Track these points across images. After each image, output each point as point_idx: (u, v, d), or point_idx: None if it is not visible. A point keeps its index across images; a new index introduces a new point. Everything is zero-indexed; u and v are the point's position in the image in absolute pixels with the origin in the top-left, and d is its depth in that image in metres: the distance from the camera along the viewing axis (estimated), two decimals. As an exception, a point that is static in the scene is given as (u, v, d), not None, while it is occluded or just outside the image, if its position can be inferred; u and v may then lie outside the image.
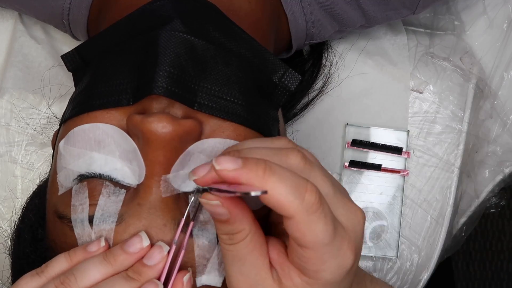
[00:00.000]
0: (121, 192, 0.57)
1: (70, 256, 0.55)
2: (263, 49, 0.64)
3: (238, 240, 0.52)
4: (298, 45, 0.80)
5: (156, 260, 0.54)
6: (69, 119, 0.60)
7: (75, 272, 0.54)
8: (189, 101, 0.57)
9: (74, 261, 0.55)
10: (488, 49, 0.88)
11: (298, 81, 0.64)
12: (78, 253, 0.55)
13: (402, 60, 0.88)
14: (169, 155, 0.56)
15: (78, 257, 0.55)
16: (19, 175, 0.84)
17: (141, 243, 0.54)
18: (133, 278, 0.54)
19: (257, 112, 0.60)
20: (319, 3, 0.76)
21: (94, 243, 0.55)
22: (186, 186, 0.57)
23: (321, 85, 0.86)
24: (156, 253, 0.54)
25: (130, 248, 0.54)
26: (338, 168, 0.85)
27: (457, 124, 0.86)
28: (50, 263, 0.56)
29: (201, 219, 0.56)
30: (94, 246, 0.55)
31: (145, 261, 0.54)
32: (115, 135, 0.57)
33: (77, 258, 0.55)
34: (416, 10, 0.79)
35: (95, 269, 0.54)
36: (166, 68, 0.56)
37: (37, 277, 0.55)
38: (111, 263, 0.54)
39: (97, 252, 0.55)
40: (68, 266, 0.55)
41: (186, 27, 0.59)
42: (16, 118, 0.85)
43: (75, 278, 0.53)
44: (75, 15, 0.76)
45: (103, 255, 0.54)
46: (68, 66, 0.65)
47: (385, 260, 0.85)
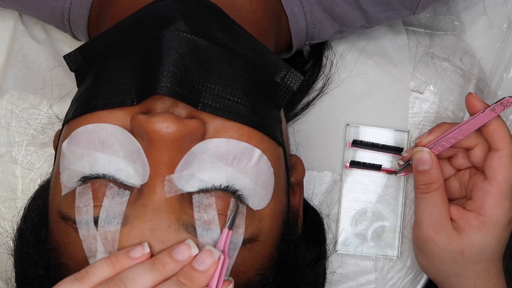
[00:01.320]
0: (125, 194, 0.57)
1: (113, 262, 0.54)
2: (265, 49, 0.64)
3: (433, 189, 0.71)
4: (298, 45, 0.81)
5: (207, 265, 0.54)
6: (72, 119, 0.60)
7: (124, 279, 0.52)
8: (193, 101, 0.57)
9: (117, 268, 0.54)
10: (488, 49, 0.89)
11: (300, 81, 0.64)
12: (121, 259, 0.54)
13: (402, 60, 0.88)
14: (173, 155, 0.56)
15: (121, 263, 0.54)
16: (20, 175, 0.84)
17: (189, 251, 0.54)
18: (185, 284, 0.53)
19: (260, 112, 0.60)
20: (319, 4, 0.76)
21: (137, 249, 0.54)
22: (190, 186, 0.57)
23: (322, 85, 0.86)
24: (207, 258, 0.54)
25: (179, 256, 0.54)
26: (338, 168, 0.85)
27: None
28: (91, 268, 0.54)
29: (205, 219, 0.56)
30: (137, 252, 0.54)
31: (195, 266, 0.53)
32: (119, 135, 0.57)
33: (121, 264, 0.54)
34: (416, 10, 0.79)
35: (145, 276, 0.52)
36: (170, 68, 0.56)
37: (78, 284, 0.53)
38: (160, 271, 0.53)
39: (141, 258, 0.54)
40: (111, 272, 0.53)
41: (189, 27, 0.59)
42: (16, 118, 0.84)
43: (125, 285, 0.52)
44: (76, 15, 0.76)
45: (151, 262, 0.53)
46: (70, 66, 0.65)
47: (386, 259, 0.85)
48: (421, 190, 0.72)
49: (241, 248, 0.58)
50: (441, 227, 0.71)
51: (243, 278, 0.59)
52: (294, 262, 0.66)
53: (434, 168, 0.71)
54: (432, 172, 0.71)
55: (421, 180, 0.72)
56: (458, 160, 0.75)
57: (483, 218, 0.70)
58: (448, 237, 0.71)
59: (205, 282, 0.54)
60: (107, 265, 0.54)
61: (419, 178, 0.72)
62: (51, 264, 0.60)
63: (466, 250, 0.71)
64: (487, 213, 0.70)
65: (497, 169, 0.69)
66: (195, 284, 0.53)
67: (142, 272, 0.53)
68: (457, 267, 0.73)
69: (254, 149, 0.58)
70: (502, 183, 0.70)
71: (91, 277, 0.53)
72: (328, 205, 0.85)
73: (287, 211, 0.65)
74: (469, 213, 0.71)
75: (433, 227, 0.72)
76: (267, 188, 0.60)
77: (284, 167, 0.64)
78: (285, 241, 0.64)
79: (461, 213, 0.71)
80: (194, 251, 0.54)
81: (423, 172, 0.71)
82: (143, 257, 0.54)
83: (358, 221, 0.85)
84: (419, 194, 0.72)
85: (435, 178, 0.71)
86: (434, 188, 0.71)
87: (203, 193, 0.57)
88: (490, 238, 0.71)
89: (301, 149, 0.83)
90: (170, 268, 0.53)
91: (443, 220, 0.71)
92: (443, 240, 0.72)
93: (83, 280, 0.53)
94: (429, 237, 0.72)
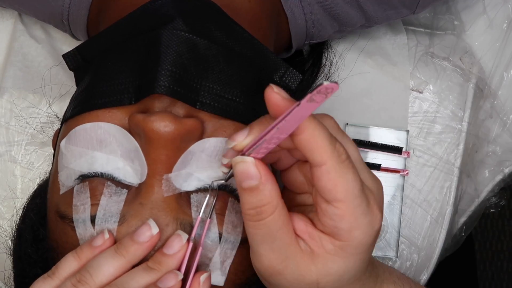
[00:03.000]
0: (122, 192, 0.57)
1: (78, 255, 0.55)
2: (264, 48, 0.64)
3: (267, 214, 0.51)
4: (298, 45, 0.80)
5: (175, 249, 0.54)
6: (70, 118, 0.60)
7: (89, 268, 0.54)
8: (191, 100, 0.57)
9: (83, 259, 0.55)
10: (488, 49, 0.88)
11: (299, 80, 0.64)
12: (85, 250, 0.55)
13: (402, 60, 0.88)
14: (171, 154, 0.56)
15: (86, 254, 0.55)
16: (19, 174, 0.84)
17: (150, 231, 0.54)
18: (153, 269, 0.53)
19: (259, 111, 0.60)
20: (319, 3, 0.76)
21: (98, 237, 0.55)
22: (188, 185, 0.57)
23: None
24: (176, 242, 0.54)
25: (140, 238, 0.54)
26: (338, 167, 0.85)
27: (457, 124, 0.86)
28: (60, 264, 0.55)
29: (203, 219, 0.56)
30: (99, 240, 0.55)
31: (164, 250, 0.54)
32: (117, 134, 0.57)
33: (85, 255, 0.55)
34: (416, 9, 0.79)
35: (108, 263, 0.54)
36: (168, 67, 0.56)
37: (49, 280, 0.55)
38: (124, 255, 0.54)
39: (103, 245, 0.55)
40: (78, 264, 0.55)
41: (187, 26, 0.59)
42: (16, 118, 0.84)
43: (90, 274, 0.53)
44: (75, 15, 0.76)
45: (114, 248, 0.54)
46: (69, 65, 0.65)
47: (385, 259, 0.85)
48: (251, 217, 0.52)
49: (239, 248, 0.58)
50: (287, 258, 0.53)
51: (242, 277, 0.59)
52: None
53: (264, 183, 0.51)
54: (261, 190, 0.51)
55: (248, 203, 0.51)
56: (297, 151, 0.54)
57: (341, 244, 0.53)
58: (298, 268, 0.54)
59: (173, 265, 0.54)
60: (73, 258, 0.55)
61: (246, 200, 0.51)
62: (49, 264, 0.60)
63: (323, 281, 0.54)
64: (344, 238, 0.52)
65: (332, 188, 0.50)
66: (163, 268, 0.53)
67: (105, 259, 0.54)
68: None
69: (253, 148, 0.58)
70: (346, 200, 0.51)
71: (60, 272, 0.55)
72: (327, 205, 0.85)
73: (285, 210, 0.64)
74: (323, 236, 0.53)
75: (277, 261, 0.53)
76: (265, 188, 0.59)
77: (283, 166, 0.63)
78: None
79: (312, 233, 0.54)
80: (154, 230, 0.54)
81: (249, 190, 0.51)
82: (105, 244, 0.55)
83: (358, 220, 0.84)
84: (249, 222, 0.52)
85: (267, 198, 0.51)
86: (269, 212, 0.51)
87: (201, 192, 0.57)
88: (351, 263, 0.54)
89: (300, 149, 0.83)
90: (133, 251, 0.54)
91: (288, 250, 0.53)
92: (293, 273, 0.54)
93: (54, 276, 0.55)
94: (274, 271, 0.54)
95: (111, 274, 0.54)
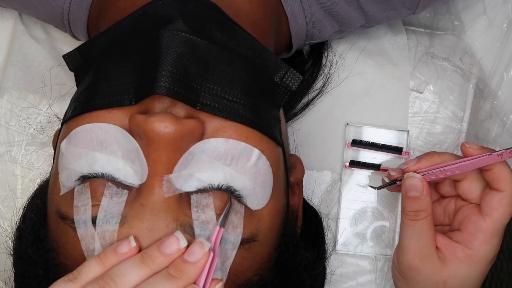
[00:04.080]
0: (123, 193, 0.57)
1: (102, 260, 0.54)
2: (264, 49, 0.64)
3: (422, 217, 0.68)
4: (298, 45, 0.80)
5: (197, 257, 0.53)
6: (71, 118, 0.60)
7: (113, 276, 0.52)
8: (191, 101, 0.57)
9: (107, 265, 0.54)
10: (488, 49, 0.88)
11: (299, 81, 0.64)
12: (110, 256, 0.54)
13: (402, 60, 0.88)
14: (171, 155, 0.56)
15: (110, 260, 0.54)
16: (19, 174, 0.84)
17: (178, 244, 0.53)
18: (174, 276, 0.53)
19: (259, 112, 0.60)
20: (319, 3, 0.76)
21: (124, 244, 0.54)
22: (189, 186, 0.57)
23: (321, 84, 0.86)
24: (198, 249, 0.53)
25: (167, 249, 0.53)
26: (338, 168, 0.85)
27: (457, 124, 0.86)
28: (82, 268, 0.54)
29: (203, 219, 0.56)
30: (124, 247, 0.54)
31: (186, 257, 0.53)
32: (118, 135, 0.57)
33: (110, 261, 0.54)
34: (416, 10, 0.79)
35: (133, 272, 0.52)
36: (168, 68, 0.56)
37: (71, 284, 0.53)
38: (149, 266, 0.53)
39: (129, 253, 0.54)
40: (101, 270, 0.54)
41: (188, 27, 0.59)
42: (16, 118, 0.84)
43: (114, 282, 0.52)
44: (75, 15, 0.76)
45: (140, 257, 0.53)
46: (69, 65, 0.65)
47: (386, 259, 0.85)
48: (409, 217, 0.69)
49: (240, 248, 0.58)
50: (427, 256, 0.69)
51: (242, 278, 0.59)
52: (293, 262, 0.65)
53: (425, 196, 0.68)
54: (422, 200, 0.68)
55: (410, 207, 0.68)
56: (445, 187, 0.73)
57: (471, 252, 0.68)
58: (433, 266, 0.69)
59: (195, 274, 0.53)
60: (97, 263, 0.54)
61: (408, 204, 0.69)
62: (49, 264, 0.60)
63: (449, 281, 0.69)
64: (475, 247, 0.68)
65: (496, 208, 0.67)
66: (184, 276, 0.53)
67: (131, 267, 0.53)
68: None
69: (253, 149, 0.58)
70: (496, 221, 0.68)
71: (82, 276, 0.53)
72: (327, 205, 0.85)
73: (286, 211, 0.65)
74: (456, 245, 0.69)
75: (419, 256, 0.69)
76: (266, 188, 0.60)
77: (283, 167, 0.64)
78: (284, 241, 0.64)
79: (447, 243, 0.69)
80: (183, 243, 0.54)
81: (413, 198, 0.68)
82: (131, 251, 0.54)
83: (358, 220, 0.85)
84: (407, 220, 0.69)
85: (424, 206, 0.68)
86: (423, 216, 0.68)
87: (201, 193, 0.57)
88: (474, 272, 0.69)
89: (300, 149, 0.83)
90: (159, 262, 0.53)
91: (429, 249, 0.69)
92: (427, 269, 0.69)
93: (76, 280, 0.53)
94: (413, 264, 0.69)
95: (135, 283, 0.52)
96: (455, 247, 0.69)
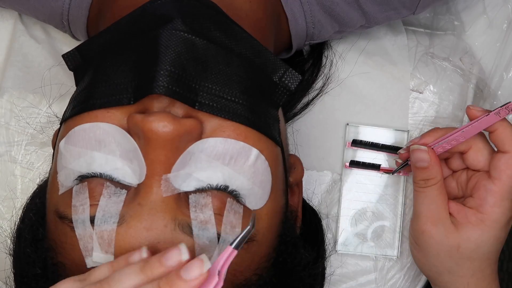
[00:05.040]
0: (122, 193, 0.57)
1: (113, 266, 0.53)
2: (263, 49, 0.64)
3: (431, 184, 0.72)
4: (298, 45, 0.80)
5: (192, 276, 0.49)
6: (69, 118, 0.60)
7: (110, 280, 0.51)
8: (190, 101, 0.57)
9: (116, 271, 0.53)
10: (488, 49, 0.88)
11: (298, 81, 0.64)
12: (121, 263, 0.53)
13: (402, 60, 0.87)
14: (170, 155, 0.56)
15: (120, 267, 0.53)
16: (19, 174, 0.84)
17: (180, 256, 0.51)
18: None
19: (258, 111, 0.60)
20: (319, 4, 0.76)
21: (136, 254, 0.53)
22: (187, 185, 0.57)
23: (321, 85, 0.86)
24: (195, 267, 0.50)
25: (168, 262, 0.51)
26: (338, 168, 0.85)
27: (457, 124, 0.86)
28: (94, 270, 0.53)
29: (201, 219, 0.56)
30: (135, 257, 0.53)
31: (181, 272, 0.50)
32: (116, 134, 0.57)
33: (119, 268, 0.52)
34: (416, 10, 0.79)
35: (130, 279, 0.51)
36: (167, 67, 0.56)
37: (78, 283, 0.52)
38: (147, 275, 0.51)
39: None
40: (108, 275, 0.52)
41: (187, 26, 0.59)
42: (16, 118, 0.84)
43: (109, 286, 0.51)
44: (75, 15, 0.76)
45: (141, 266, 0.51)
46: (69, 65, 0.65)
47: (386, 259, 0.85)
48: (419, 185, 0.73)
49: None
50: (439, 220, 0.72)
51: (240, 278, 0.59)
52: (292, 263, 0.65)
53: (432, 165, 0.72)
54: (430, 169, 0.72)
55: (419, 176, 0.73)
56: (454, 161, 0.76)
57: (482, 216, 0.71)
58: (445, 230, 0.72)
59: None
60: (107, 268, 0.53)
61: (417, 174, 0.73)
62: (48, 263, 0.60)
63: (462, 246, 0.72)
64: (486, 211, 0.70)
65: (503, 170, 0.70)
66: None
67: (129, 274, 0.51)
68: (452, 263, 0.73)
69: (251, 148, 0.58)
70: (505, 183, 0.70)
71: (91, 278, 0.53)
72: (327, 205, 0.85)
73: (285, 211, 0.65)
74: (469, 210, 0.72)
75: (431, 220, 0.73)
76: (265, 188, 0.60)
77: (282, 167, 0.64)
78: (283, 241, 0.64)
79: (460, 209, 0.72)
80: (185, 256, 0.51)
81: (421, 168, 0.72)
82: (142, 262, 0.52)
83: (358, 220, 0.85)
84: (418, 188, 0.73)
85: (433, 174, 0.72)
86: (432, 183, 0.72)
87: (200, 192, 0.57)
88: (487, 236, 0.71)
89: (300, 149, 0.83)
90: (158, 273, 0.51)
91: (441, 213, 0.72)
92: (440, 233, 0.72)
93: (84, 281, 0.53)
94: (426, 229, 0.73)
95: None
96: (467, 212, 0.71)
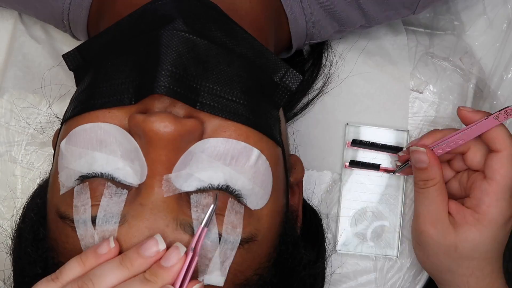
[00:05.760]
0: (123, 193, 0.57)
1: (83, 261, 0.54)
2: (264, 49, 0.64)
3: (431, 185, 0.73)
4: (298, 45, 0.80)
5: (173, 261, 0.53)
6: (70, 118, 0.60)
7: (92, 277, 0.53)
8: (191, 101, 0.57)
9: (87, 266, 0.54)
10: (488, 49, 0.89)
11: (299, 81, 0.64)
12: (90, 256, 0.54)
13: (402, 60, 0.87)
14: (171, 155, 0.56)
15: (90, 261, 0.54)
16: (19, 174, 0.84)
17: (157, 246, 0.54)
18: (149, 281, 0.53)
19: (259, 111, 0.60)
20: (319, 3, 0.76)
21: (104, 245, 0.54)
22: (188, 185, 0.57)
23: (321, 84, 0.86)
24: (173, 255, 0.53)
25: (146, 252, 0.53)
26: (338, 167, 0.85)
27: (457, 124, 0.86)
28: (63, 268, 0.55)
29: (202, 219, 0.56)
30: (104, 248, 0.54)
31: (162, 263, 0.53)
32: (117, 134, 0.57)
33: (90, 262, 0.54)
34: (416, 10, 0.79)
35: (112, 274, 0.53)
36: (168, 68, 0.56)
37: (52, 283, 0.54)
38: (128, 268, 0.53)
39: (108, 254, 0.54)
40: (81, 270, 0.54)
41: (188, 27, 0.59)
42: (16, 118, 0.84)
43: (92, 283, 0.53)
44: (75, 15, 0.76)
45: (120, 259, 0.54)
46: (69, 65, 0.65)
47: (386, 259, 0.85)
48: (419, 186, 0.74)
49: (239, 248, 0.58)
50: (437, 221, 0.73)
51: (241, 278, 0.59)
52: (293, 262, 0.65)
53: (431, 166, 0.73)
54: (429, 170, 0.73)
55: (419, 177, 0.74)
56: (456, 163, 0.77)
57: (479, 216, 0.71)
58: (444, 231, 0.73)
59: (169, 279, 0.53)
60: (78, 264, 0.54)
61: (417, 175, 0.74)
62: (49, 263, 0.60)
63: (460, 245, 0.72)
64: (482, 211, 0.71)
65: (497, 169, 0.71)
66: (159, 280, 0.53)
67: (110, 269, 0.53)
68: (451, 262, 0.74)
69: (252, 148, 0.58)
70: (500, 183, 0.71)
71: (63, 276, 0.54)
72: (327, 205, 0.85)
73: (285, 211, 0.65)
74: (466, 210, 0.73)
75: (430, 221, 0.74)
76: (265, 188, 0.60)
77: (282, 167, 0.64)
78: (284, 241, 0.64)
79: (459, 209, 0.73)
80: (161, 246, 0.54)
81: (421, 169, 0.74)
82: (111, 252, 0.54)
83: (358, 220, 0.85)
84: (418, 189, 0.75)
85: (432, 175, 0.73)
86: (432, 184, 0.73)
87: (201, 193, 0.57)
88: (485, 236, 0.72)
89: (300, 149, 0.83)
90: (138, 265, 0.53)
91: (439, 214, 0.73)
92: (438, 234, 0.73)
93: (57, 280, 0.54)
94: (425, 229, 0.74)
95: (113, 284, 0.53)
96: (465, 212, 0.72)
